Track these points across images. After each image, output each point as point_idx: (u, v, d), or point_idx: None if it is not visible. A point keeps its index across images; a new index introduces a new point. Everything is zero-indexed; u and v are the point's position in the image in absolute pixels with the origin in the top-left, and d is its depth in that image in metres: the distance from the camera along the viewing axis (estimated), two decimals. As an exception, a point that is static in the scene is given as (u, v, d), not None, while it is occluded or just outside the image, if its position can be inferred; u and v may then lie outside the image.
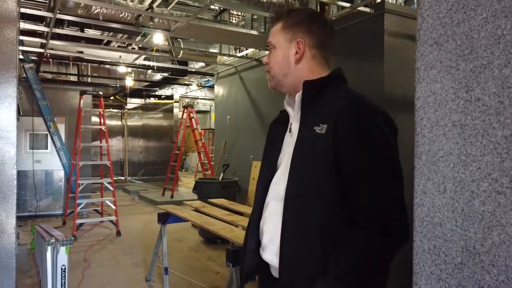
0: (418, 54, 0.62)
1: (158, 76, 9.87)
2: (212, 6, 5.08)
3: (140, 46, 7.85)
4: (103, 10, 4.65)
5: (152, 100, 12.05)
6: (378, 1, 4.00)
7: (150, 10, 4.61)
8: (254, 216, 1.28)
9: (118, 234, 5.61)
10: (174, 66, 8.05)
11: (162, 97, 11.27)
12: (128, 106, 13.57)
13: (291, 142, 1.16)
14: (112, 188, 5.94)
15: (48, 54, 6.86)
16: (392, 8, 3.83)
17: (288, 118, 1.25)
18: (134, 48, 8.34)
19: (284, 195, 1.14)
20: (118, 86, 10.32)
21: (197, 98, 12.37)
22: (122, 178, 12.42)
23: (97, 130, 6.71)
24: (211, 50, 6.79)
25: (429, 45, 0.61)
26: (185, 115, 8.72)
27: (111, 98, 12.08)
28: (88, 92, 6.62)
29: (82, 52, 7.25)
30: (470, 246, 0.55)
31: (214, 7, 5.89)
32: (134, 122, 13.45)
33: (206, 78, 9.89)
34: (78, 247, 4.86)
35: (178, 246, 5.12)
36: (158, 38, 5.58)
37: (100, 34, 7.33)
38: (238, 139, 6.48)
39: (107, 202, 6.04)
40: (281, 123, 1.28)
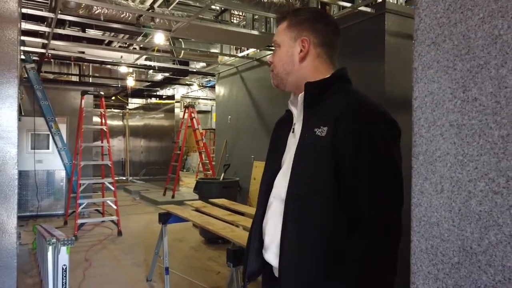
0: (416, 54, 0.62)
1: (159, 76, 9.88)
2: (213, 6, 5.09)
3: (141, 46, 7.85)
4: (104, 11, 4.66)
5: (153, 100, 12.06)
6: (379, 1, 4.00)
7: (151, 10, 4.62)
8: (257, 216, 1.28)
9: (119, 234, 5.62)
10: (175, 66, 8.05)
11: (163, 97, 11.28)
12: (129, 106, 13.59)
13: (294, 143, 1.16)
14: (113, 188, 5.95)
15: (49, 54, 6.88)
16: (393, 8, 3.83)
17: (292, 117, 1.25)
18: (135, 48, 8.35)
19: (285, 196, 1.14)
20: (120, 86, 10.33)
21: (198, 98, 12.38)
22: (124, 178, 12.44)
23: (98, 130, 6.72)
24: (212, 50, 6.79)
25: (426, 45, 0.61)
26: (186, 115, 8.73)
27: (113, 98, 12.09)
28: (89, 92, 6.63)
29: (83, 52, 7.26)
30: (467, 246, 0.55)
31: (215, 7, 5.90)
32: (135, 122, 13.47)
33: (207, 78, 9.89)
34: (79, 247, 4.87)
35: (179, 246, 5.13)
36: (159, 38, 5.59)
37: (101, 35, 7.34)
38: (239, 139, 6.48)
39: (108, 202, 6.05)
40: (285, 123, 1.27)
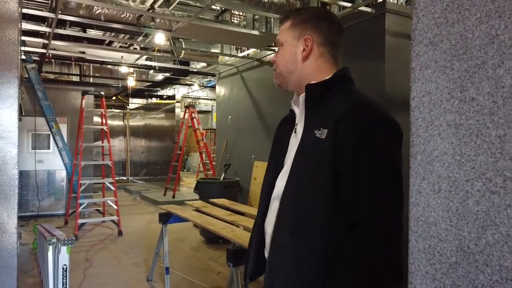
0: (414, 54, 0.62)
1: (159, 76, 9.88)
2: (213, 6, 5.09)
3: (141, 46, 7.86)
4: (105, 11, 4.67)
5: (154, 100, 12.07)
6: (379, 1, 4.00)
7: (151, 11, 4.62)
8: (259, 216, 1.28)
9: (120, 234, 5.63)
10: (175, 66, 8.06)
11: (164, 97, 11.28)
12: (130, 106, 13.60)
13: (296, 143, 1.15)
14: (113, 188, 5.95)
15: (50, 55, 6.89)
16: (393, 8, 3.83)
17: (295, 117, 1.24)
18: (135, 48, 8.36)
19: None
20: (120, 86, 10.34)
21: (198, 98, 12.37)
22: (124, 178, 12.45)
23: (99, 130, 6.73)
24: (213, 50, 6.79)
25: (424, 45, 0.61)
26: (186, 115, 8.73)
27: (113, 98, 12.10)
28: (90, 92, 6.64)
29: (84, 52, 7.27)
30: (465, 245, 0.55)
31: (216, 7, 5.90)
32: (136, 122, 13.48)
33: (208, 78, 9.89)
34: (79, 247, 4.88)
35: (180, 246, 5.13)
36: (160, 38, 5.59)
37: (102, 35, 7.34)
38: (240, 139, 6.48)
39: (109, 202, 6.05)
40: (288, 122, 1.26)
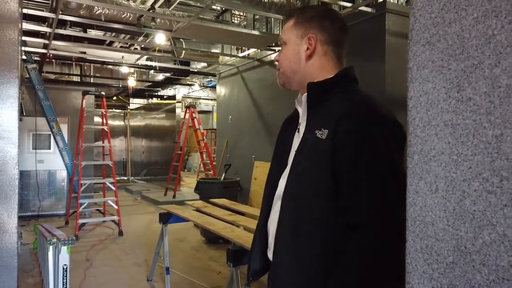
0: (411, 54, 0.62)
1: (160, 76, 9.89)
2: (213, 6, 5.09)
3: (142, 46, 7.87)
4: (105, 11, 4.67)
5: (154, 100, 12.08)
6: (380, 1, 4.00)
7: (151, 11, 4.62)
8: (262, 216, 1.28)
9: (120, 234, 5.63)
10: (176, 67, 8.06)
11: (165, 97, 11.29)
12: (130, 106, 13.61)
13: (298, 143, 1.15)
14: (114, 188, 5.96)
15: (50, 55, 6.90)
16: (393, 8, 3.83)
17: (299, 117, 1.23)
18: (136, 48, 8.37)
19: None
20: (121, 86, 10.35)
21: (199, 98, 12.38)
22: (125, 178, 12.46)
23: (99, 130, 6.74)
24: (213, 50, 6.80)
25: (421, 45, 0.61)
26: (187, 115, 8.73)
27: (114, 98, 12.12)
28: (90, 92, 6.65)
29: (84, 52, 7.28)
30: (461, 245, 0.55)
31: (216, 7, 5.90)
32: (136, 122, 13.49)
33: (209, 78, 9.89)
34: (80, 247, 4.89)
35: (180, 246, 5.14)
36: (160, 38, 5.60)
37: (102, 35, 7.35)
38: (240, 139, 6.49)
39: (110, 202, 6.06)
40: (292, 122, 1.26)
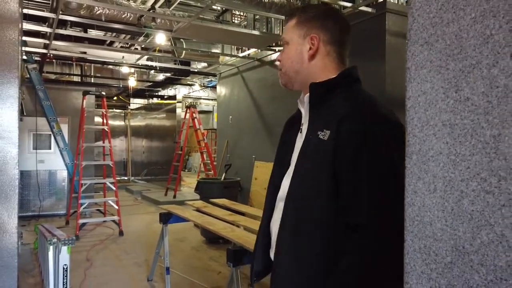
0: (409, 54, 0.62)
1: (160, 76, 9.89)
2: (214, 7, 5.09)
3: (142, 46, 7.87)
4: (106, 11, 4.67)
5: (155, 100, 12.08)
6: (380, 1, 4.00)
7: (152, 11, 4.63)
8: (265, 216, 1.27)
9: (121, 234, 5.64)
10: (176, 67, 8.07)
11: (165, 97, 11.29)
12: (131, 106, 13.62)
13: (301, 143, 1.14)
14: (114, 188, 5.96)
15: (51, 55, 6.91)
16: (393, 7, 3.83)
17: (301, 117, 1.23)
18: (136, 48, 8.37)
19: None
20: (121, 86, 10.35)
21: (199, 98, 12.38)
22: (125, 178, 12.47)
23: (100, 130, 6.74)
24: (213, 50, 6.80)
25: (419, 45, 0.61)
26: (187, 115, 8.74)
27: (114, 98, 12.12)
28: (90, 92, 6.65)
29: (85, 52, 7.28)
30: (460, 245, 0.55)
31: (216, 7, 5.90)
32: (137, 122, 13.50)
33: (209, 78, 9.90)
34: (80, 247, 4.89)
35: (180, 246, 5.14)
36: (161, 38, 5.60)
37: (103, 35, 7.36)
38: (240, 139, 6.49)
39: (110, 202, 6.07)
40: (295, 122, 1.25)
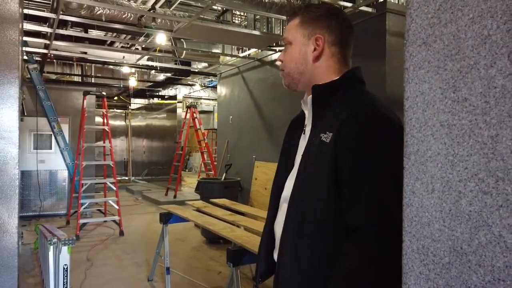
0: (407, 55, 0.62)
1: (161, 76, 9.89)
2: (214, 7, 5.09)
3: (143, 46, 7.88)
4: (106, 11, 4.68)
5: (155, 100, 12.09)
6: (380, 1, 3.99)
7: (152, 11, 4.63)
8: (269, 217, 1.27)
9: (121, 234, 5.64)
10: (177, 67, 8.07)
11: (166, 97, 11.30)
12: (131, 106, 13.63)
13: (304, 145, 1.14)
14: (115, 188, 5.97)
15: (51, 55, 6.91)
16: (394, 8, 3.83)
17: (305, 118, 1.22)
18: (137, 48, 8.38)
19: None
20: (122, 86, 10.36)
21: (200, 98, 12.38)
22: (126, 178, 12.47)
23: (100, 130, 6.75)
24: (214, 51, 6.80)
25: (417, 45, 0.61)
26: (188, 115, 8.74)
27: (115, 98, 12.13)
28: (91, 92, 6.66)
29: (85, 52, 7.28)
30: (458, 246, 0.55)
31: (217, 8, 5.90)
32: (137, 122, 13.51)
33: (210, 78, 9.90)
34: (81, 247, 4.90)
35: (181, 246, 5.14)
36: (161, 38, 5.60)
37: (103, 35, 7.36)
38: (241, 139, 6.49)
39: (110, 202, 6.07)
40: (299, 122, 1.24)
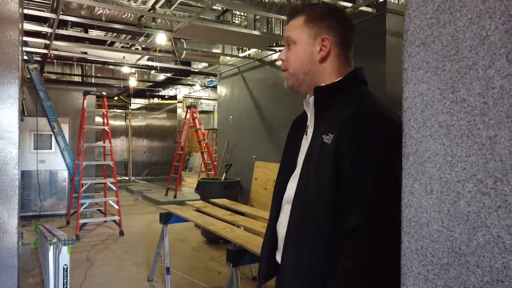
0: (406, 55, 0.62)
1: (161, 76, 9.89)
2: (214, 7, 5.10)
3: (143, 46, 7.88)
4: (106, 11, 4.68)
5: (155, 100, 12.09)
6: (380, 1, 3.99)
7: (152, 11, 4.63)
8: (271, 218, 1.27)
9: (121, 234, 5.64)
10: (177, 67, 8.07)
11: (166, 97, 11.30)
12: (132, 106, 13.63)
13: (306, 146, 1.14)
14: (115, 188, 5.97)
15: (52, 55, 6.91)
16: (394, 8, 3.82)
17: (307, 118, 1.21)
18: (137, 48, 8.38)
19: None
20: (122, 86, 10.36)
21: (200, 98, 12.38)
22: (126, 178, 12.47)
23: (100, 130, 6.75)
24: (214, 51, 6.80)
25: (416, 46, 0.61)
26: (188, 115, 8.74)
27: (115, 98, 12.13)
28: (91, 92, 6.65)
29: (86, 52, 7.28)
30: (456, 246, 0.55)
31: (217, 8, 5.90)
32: (138, 122, 13.51)
33: (210, 78, 9.90)
34: (81, 247, 4.90)
35: (181, 246, 5.14)
36: (161, 38, 5.60)
37: (103, 35, 7.36)
38: (241, 139, 6.49)
39: (110, 202, 6.07)
40: (301, 123, 1.23)
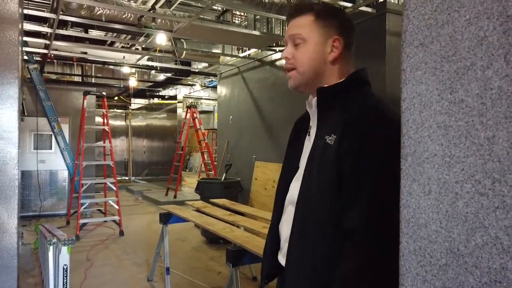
0: (404, 56, 0.62)
1: (161, 76, 9.89)
2: (214, 7, 5.10)
3: (143, 46, 7.88)
4: (106, 11, 4.68)
5: (155, 100, 12.09)
6: (380, 1, 3.99)
7: (152, 11, 4.63)
8: (274, 218, 1.27)
9: (121, 234, 5.64)
10: (177, 67, 8.07)
11: (166, 97, 11.30)
12: (132, 106, 13.63)
13: (309, 147, 1.14)
14: (115, 188, 5.97)
15: (52, 55, 6.91)
16: (394, 8, 3.82)
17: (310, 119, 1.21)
18: (137, 48, 8.38)
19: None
20: (122, 86, 10.36)
21: (200, 98, 12.38)
22: (126, 178, 12.48)
23: (100, 130, 6.75)
24: (214, 51, 6.80)
25: (414, 46, 0.61)
26: (188, 115, 8.74)
27: (115, 98, 12.13)
28: (91, 92, 6.65)
29: (86, 52, 7.28)
30: (454, 247, 0.55)
31: (217, 8, 5.90)
32: (138, 122, 13.51)
33: (210, 78, 9.90)
34: (81, 247, 4.90)
35: (181, 246, 5.14)
36: (161, 38, 5.60)
37: (103, 35, 7.36)
38: (241, 139, 6.49)
39: (110, 202, 6.07)
40: (304, 123, 1.23)
